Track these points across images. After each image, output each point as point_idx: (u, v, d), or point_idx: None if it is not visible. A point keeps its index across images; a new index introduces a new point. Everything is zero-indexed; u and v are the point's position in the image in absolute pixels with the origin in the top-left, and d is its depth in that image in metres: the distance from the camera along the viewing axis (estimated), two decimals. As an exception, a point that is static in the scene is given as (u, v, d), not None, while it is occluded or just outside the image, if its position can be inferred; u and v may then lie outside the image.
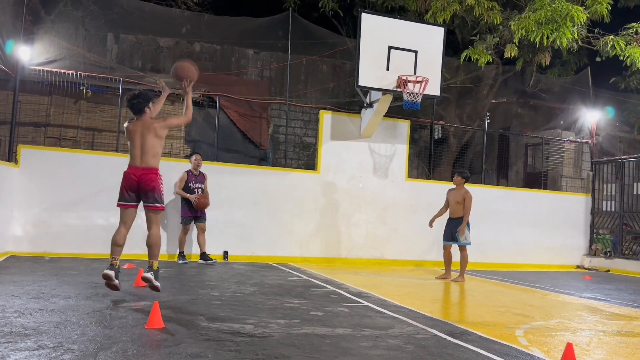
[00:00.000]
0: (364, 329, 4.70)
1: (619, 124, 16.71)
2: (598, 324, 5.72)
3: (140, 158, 5.56)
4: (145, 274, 5.48)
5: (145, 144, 5.55)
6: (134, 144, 5.57)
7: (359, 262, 11.12)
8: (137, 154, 5.56)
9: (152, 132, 5.56)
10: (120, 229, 5.64)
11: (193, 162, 9.61)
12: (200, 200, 9.41)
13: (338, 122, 11.30)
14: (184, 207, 9.52)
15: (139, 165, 5.56)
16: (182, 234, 9.58)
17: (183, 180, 9.48)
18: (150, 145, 5.55)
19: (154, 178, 5.56)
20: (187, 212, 9.49)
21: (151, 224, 5.71)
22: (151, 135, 5.55)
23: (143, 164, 5.56)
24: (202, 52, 14.15)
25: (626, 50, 11.08)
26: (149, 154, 5.56)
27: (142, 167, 5.54)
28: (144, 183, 5.51)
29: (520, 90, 16.09)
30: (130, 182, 5.53)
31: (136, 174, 5.53)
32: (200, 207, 9.46)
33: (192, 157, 9.72)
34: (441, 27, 10.59)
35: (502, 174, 15.88)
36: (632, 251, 12.76)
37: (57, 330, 4.05)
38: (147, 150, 5.56)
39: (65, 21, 12.04)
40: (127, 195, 5.58)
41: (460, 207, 9.07)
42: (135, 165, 5.57)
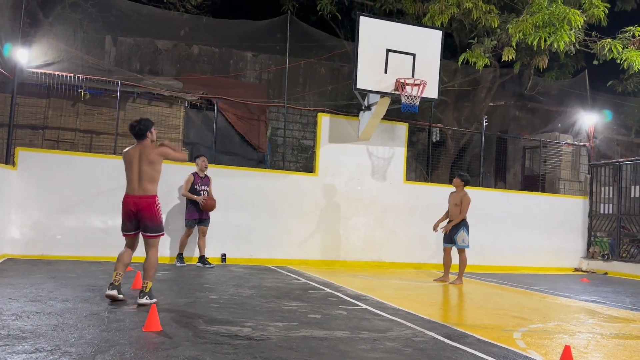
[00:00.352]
0: (362, 332, 4.70)
1: (616, 127, 16.76)
2: (596, 327, 5.72)
3: (138, 184, 5.50)
4: (140, 300, 5.37)
5: (143, 169, 5.49)
6: (131, 169, 5.52)
7: (357, 265, 11.11)
8: (135, 179, 5.51)
9: (149, 158, 5.50)
10: (127, 250, 5.69)
11: (200, 164, 9.52)
12: (208, 202, 9.35)
13: (336, 124, 11.31)
14: (191, 209, 9.42)
15: (137, 193, 5.50)
16: (185, 236, 9.50)
17: (189, 182, 9.40)
18: (147, 171, 5.49)
19: (152, 206, 5.50)
20: (194, 214, 9.39)
21: (150, 248, 5.63)
22: (148, 161, 5.50)
23: (140, 191, 5.49)
24: (201, 54, 14.16)
25: (623, 54, 11.12)
26: (145, 180, 5.49)
27: (139, 196, 5.48)
28: (142, 212, 5.47)
29: (518, 93, 16.13)
30: (128, 211, 5.49)
31: (134, 202, 5.48)
32: (208, 209, 9.40)
33: (198, 159, 9.62)
34: (439, 31, 10.61)
35: (500, 176, 15.91)
36: (630, 254, 12.78)
37: (54, 333, 4.04)
38: (144, 176, 5.49)
39: (63, 24, 12.03)
40: (128, 225, 5.56)
41: (458, 209, 9.10)
42: (133, 193, 5.51)
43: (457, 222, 9.03)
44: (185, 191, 9.41)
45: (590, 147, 14.19)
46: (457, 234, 9.03)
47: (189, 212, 9.45)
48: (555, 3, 10.46)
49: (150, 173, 5.49)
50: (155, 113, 11.35)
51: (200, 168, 9.52)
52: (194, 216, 9.40)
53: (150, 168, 5.48)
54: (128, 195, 5.53)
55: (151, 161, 5.50)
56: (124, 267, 5.55)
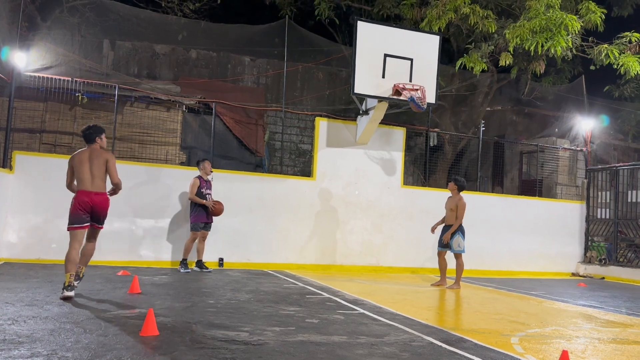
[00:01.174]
0: (359, 337, 4.69)
1: (613, 132, 16.82)
2: (593, 332, 5.72)
3: (91, 182, 6.06)
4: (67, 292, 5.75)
5: (95, 169, 6.08)
6: (83, 169, 6.05)
7: (354, 269, 11.11)
8: (87, 178, 6.05)
9: (101, 159, 6.11)
10: (76, 247, 6.00)
11: (205, 168, 9.38)
12: (218, 207, 9.25)
13: (334, 129, 11.32)
14: (199, 213, 9.21)
15: (91, 190, 6.04)
16: (190, 241, 9.27)
17: (195, 186, 9.21)
18: (100, 171, 6.10)
19: (107, 202, 6.20)
20: (202, 218, 9.20)
21: (93, 239, 6.28)
22: (100, 162, 6.10)
23: (94, 188, 6.07)
24: (199, 59, 14.18)
25: (620, 59, 11.17)
26: (98, 178, 6.10)
27: (94, 192, 6.05)
28: (98, 206, 6.08)
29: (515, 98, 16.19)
30: (84, 205, 5.99)
31: (90, 197, 6.02)
32: (217, 214, 9.29)
33: (203, 162, 9.46)
34: (436, 36, 10.65)
35: (497, 181, 15.94)
36: (627, 258, 12.80)
37: (51, 337, 4.03)
38: (96, 174, 6.08)
39: (61, 28, 12.04)
40: (82, 217, 6.01)
41: (453, 214, 9.09)
42: (86, 189, 6.03)
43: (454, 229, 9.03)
44: (192, 195, 9.20)
45: (587, 152, 14.24)
46: (453, 238, 9.02)
47: (196, 216, 9.22)
48: (552, 8, 10.51)
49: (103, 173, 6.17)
50: (153, 117, 11.35)
51: (205, 172, 9.41)
52: (202, 219, 9.22)
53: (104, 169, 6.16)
54: (82, 190, 6.05)
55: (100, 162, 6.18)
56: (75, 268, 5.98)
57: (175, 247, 9.93)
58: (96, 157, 6.13)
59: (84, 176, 6.05)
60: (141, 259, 9.75)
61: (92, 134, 6.25)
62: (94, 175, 6.08)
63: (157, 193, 9.95)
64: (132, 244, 9.78)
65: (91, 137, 6.25)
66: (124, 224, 9.71)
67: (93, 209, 6.05)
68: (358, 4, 14.87)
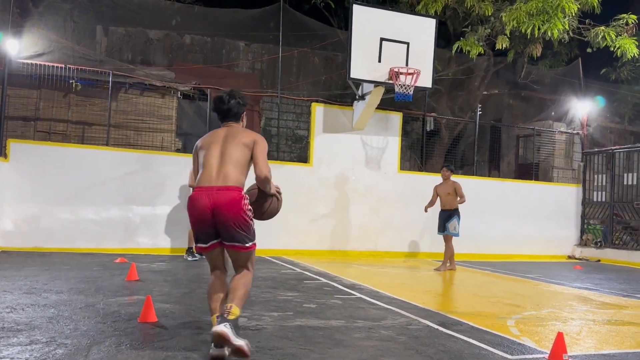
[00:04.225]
0: (357, 321, 4.72)
1: (609, 115, 16.80)
2: (588, 314, 5.77)
3: (217, 172, 3.63)
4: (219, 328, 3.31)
5: (228, 153, 3.68)
6: (210, 153, 3.70)
7: (352, 254, 11.14)
8: (213, 165, 3.66)
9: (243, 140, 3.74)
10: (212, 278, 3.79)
11: None
12: None
13: (330, 114, 11.28)
14: None
15: (213, 184, 3.60)
16: None
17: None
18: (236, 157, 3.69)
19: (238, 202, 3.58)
20: None
21: (240, 268, 3.77)
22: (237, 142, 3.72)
23: (220, 180, 3.61)
24: (193, 44, 14.05)
25: (617, 41, 11.12)
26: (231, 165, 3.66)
27: (217, 187, 3.58)
28: (223, 211, 3.54)
29: (512, 82, 16.12)
30: (200, 211, 3.56)
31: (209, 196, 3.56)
32: None
33: None
34: (433, 19, 10.57)
35: (494, 165, 15.94)
36: (622, 241, 12.88)
37: (49, 325, 4.04)
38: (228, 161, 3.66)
39: (53, 14, 11.90)
40: (202, 234, 3.64)
41: (451, 198, 9.26)
42: (207, 184, 3.61)
43: (453, 209, 9.20)
44: (192, 182, 9.15)
45: (584, 135, 14.24)
46: (450, 221, 9.16)
47: None
48: (549, -10, 10.43)
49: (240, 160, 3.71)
50: (148, 104, 11.28)
51: None
52: None
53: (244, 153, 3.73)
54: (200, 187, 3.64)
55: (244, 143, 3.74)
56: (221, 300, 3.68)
57: (172, 234, 9.93)
58: (235, 137, 3.72)
59: (208, 162, 3.67)
60: (139, 246, 9.76)
61: (237, 107, 3.90)
62: (225, 162, 3.64)
63: (154, 180, 9.93)
64: (129, 231, 9.78)
65: (234, 111, 3.90)
66: (120, 212, 9.71)
67: (216, 216, 3.53)
68: (354, -13, 14.72)
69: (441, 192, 9.43)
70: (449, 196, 9.29)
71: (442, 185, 9.49)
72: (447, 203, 9.30)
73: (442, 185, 9.47)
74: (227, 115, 3.89)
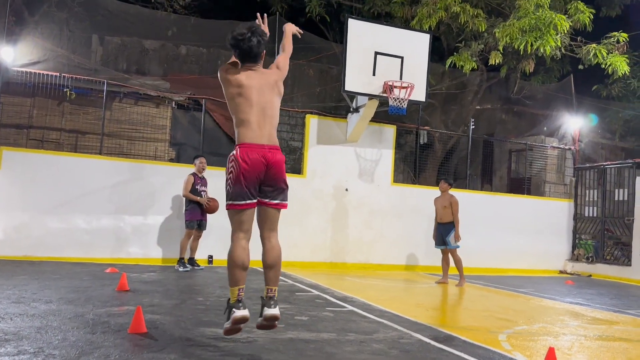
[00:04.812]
0: (348, 334, 4.70)
1: (600, 131, 16.96)
2: (580, 329, 5.78)
3: (266, 130, 3.68)
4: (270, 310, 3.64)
5: (268, 107, 3.70)
6: (251, 106, 3.65)
7: (344, 267, 11.12)
8: (260, 123, 3.66)
9: (274, 88, 3.79)
10: (242, 243, 3.69)
11: (198, 165, 9.31)
12: (212, 204, 9.13)
13: (324, 126, 11.32)
14: (193, 210, 9.10)
15: (266, 143, 3.64)
16: (186, 238, 9.14)
17: (190, 182, 9.11)
18: (275, 111, 3.76)
19: (283, 162, 3.74)
20: (197, 215, 9.09)
21: (272, 232, 3.84)
22: (274, 93, 3.78)
23: (271, 140, 3.69)
24: (188, 55, 14.09)
25: (608, 59, 11.27)
26: (273, 124, 3.75)
27: (269, 146, 3.65)
28: (274, 170, 3.64)
29: (505, 97, 16.26)
30: (257, 167, 3.57)
31: (264, 155, 3.60)
32: (212, 211, 9.17)
33: (197, 159, 9.40)
34: (427, 34, 10.68)
35: (487, 179, 16.01)
36: (614, 256, 12.93)
37: (37, 335, 3.99)
38: (271, 117, 3.72)
39: (49, 22, 11.90)
40: (249, 190, 3.59)
41: (447, 211, 9.29)
42: (259, 142, 3.62)
43: (449, 222, 9.25)
44: (186, 192, 9.11)
45: (576, 151, 14.35)
46: (450, 234, 9.19)
47: (190, 214, 9.12)
48: (542, 8, 10.58)
49: (277, 115, 3.80)
50: (142, 113, 11.27)
51: (199, 169, 9.32)
52: (197, 217, 9.12)
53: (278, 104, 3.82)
54: (251, 144, 3.61)
55: (280, 92, 3.85)
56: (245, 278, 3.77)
57: (164, 245, 9.88)
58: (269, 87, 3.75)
59: (251, 117, 3.64)
60: (129, 256, 9.70)
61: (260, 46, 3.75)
62: (266, 121, 3.68)
63: (146, 190, 9.90)
64: (121, 241, 9.72)
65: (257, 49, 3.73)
66: (112, 221, 9.65)
67: (269, 172, 3.62)
68: (349, 1, 14.87)
69: (438, 205, 9.49)
70: (445, 209, 9.32)
71: (439, 198, 9.55)
72: (444, 216, 9.33)
73: (440, 198, 9.53)
74: (252, 57, 3.74)
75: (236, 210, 3.64)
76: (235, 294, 3.60)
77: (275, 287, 3.75)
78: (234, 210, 3.65)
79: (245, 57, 3.75)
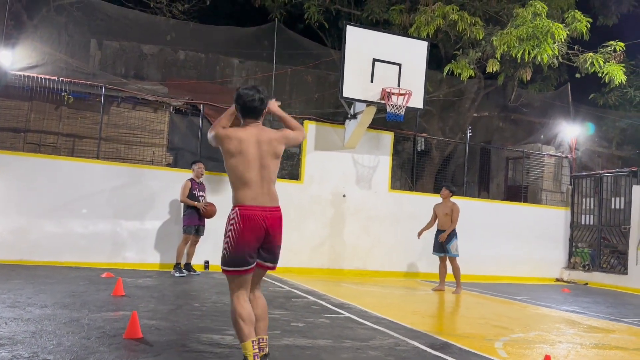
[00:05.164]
0: (344, 341, 4.69)
1: (597, 140, 17.02)
2: (576, 337, 5.78)
3: (261, 188, 3.56)
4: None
5: (267, 165, 3.59)
6: (249, 164, 3.54)
7: (341, 273, 11.10)
8: (257, 181, 3.55)
9: (272, 148, 3.64)
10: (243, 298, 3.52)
11: (196, 171, 9.31)
12: (210, 208, 9.09)
13: (322, 132, 11.33)
14: (190, 215, 9.08)
15: (267, 204, 3.55)
16: (183, 244, 9.13)
17: (187, 188, 9.11)
18: (273, 170, 3.65)
19: (281, 221, 3.66)
20: (194, 220, 9.06)
21: (258, 285, 3.72)
22: (272, 153, 3.63)
23: (272, 200, 3.59)
24: (187, 60, 14.11)
25: (605, 68, 11.33)
26: (272, 183, 3.64)
27: (270, 207, 3.55)
28: (272, 233, 3.55)
29: (502, 105, 16.31)
30: (257, 233, 3.48)
31: (265, 218, 3.50)
32: (209, 215, 9.13)
33: (195, 165, 9.40)
34: (425, 41, 10.72)
35: (484, 186, 16.03)
36: (610, 265, 12.94)
37: (32, 339, 3.97)
38: (270, 176, 3.62)
39: (48, 26, 11.91)
40: (249, 256, 3.48)
41: (448, 218, 9.29)
42: (260, 203, 3.53)
43: (450, 232, 9.19)
44: (183, 197, 9.10)
45: (572, 159, 14.39)
46: (450, 242, 9.20)
47: (188, 219, 9.11)
48: (539, 17, 10.64)
49: (276, 174, 3.70)
50: (139, 118, 11.26)
51: (197, 174, 9.32)
52: (195, 222, 9.09)
53: (277, 164, 3.69)
54: (252, 206, 3.51)
55: (278, 154, 3.67)
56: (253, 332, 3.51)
57: (160, 250, 9.86)
58: (269, 145, 3.61)
59: (251, 177, 3.53)
60: (126, 260, 9.67)
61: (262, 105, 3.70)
62: (265, 178, 3.58)
63: (143, 194, 9.88)
64: (117, 246, 9.69)
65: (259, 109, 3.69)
66: (108, 225, 9.63)
67: (268, 236, 3.53)
68: (347, 8, 14.92)
69: (439, 212, 9.44)
70: (446, 217, 9.28)
71: (440, 205, 9.50)
72: (446, 223, 9.28)
73: (441, 205, 9.48)
74: (253, 113, 3.67)
75: (235, 275, 3.51)
76: (249, 348, 3.38)
77: (265, 337, 3.63)
78: (233, 276, 3.52)
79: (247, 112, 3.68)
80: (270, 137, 3.63)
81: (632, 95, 15.90)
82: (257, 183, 3.53)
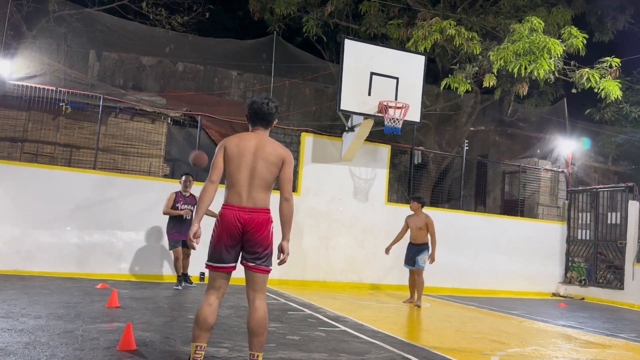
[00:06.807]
0: (340, 354, 4.66)
1: (593, 155, 17.11)
2: (572, 352, 5.76)
3: (247, 191, 3.70)
4: None
5: (258, 170, 3.71)
6: (241, 167, 3.70)
7: (337, 286, 11.06)
8: (243, 184, 3.70)
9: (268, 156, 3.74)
10: (210, 299, 3.75)
11: (183, 183, 8.98)
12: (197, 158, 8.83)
13: (319, 145, 11.36)
14: (174, 228, 8.73)
15: (248, 205, 3.70)
16: (175, 260, 8.78)
17: (171, 200, 8.81)
18: (265, 176, 3.74)
19: (267, 224, 3.78)
20: (175, 235, 8.70)
21: (256, 293, 3.85)
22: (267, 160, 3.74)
23: (254, 204, 3.72)
24: (185, 71, 14.17)
25: (601, 83, 11.42)
26: (260, 187, 3.74)
27: (249, 208, 3.69)
28: (252, 230, 3.70)
29: (498, 119, 16.41)
30: (232, 230, 3.67)
31: (239, 217, 3.67)
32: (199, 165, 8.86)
33: (182, 177, 9.10)
34: (422, 56, 10.80)
35: (480, 200, 16.06)
36: (606, 280, 12.94)
37: (25, 351, 3.93)
38: (260, 183, 3.73)
39: (47, 37, 11.96)
40: (226, 253, 3.73)
41: (422, 232, 9.06)
42: (239, 204, 3.69)
43: (423, 244, 9.03)
44: (166, 209, 8.80)
45: (569, 174, 14.44)
46: (420, 255, 9.00)
47: (171, 234, 8.77)
48: (536, 32, 10.74)
49: (268, 179, 3.77)
50: (137, 128, 11.28)
51: (183, 187, 8.99)
52: (176, 237, 8.70)
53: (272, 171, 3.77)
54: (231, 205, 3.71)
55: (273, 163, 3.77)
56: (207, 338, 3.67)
57: (156, 262, 9.81)
58: (263, 152, 3.71)
59: (238, 180, 3.69)
60: (121, 272, 9.61)
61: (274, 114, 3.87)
62: (253, 184, 3.70)
63: (139, 205, 9.85)
64: (113, 257, 9.64)
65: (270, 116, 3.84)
66: (104, 236, 9.59)
67: (245, 235, 3.70)
68: (346, 22, 15.04)
69: (412, 226, 9.21)
70: (420, 230, 9.05)
71: (413, 218, 9.24)
72: (419, 237, 9.08)
73: (414, 218, 9.22)
74: (262, 120, 3.83)
75: (211, 270, 3.79)
76: (192, 351, 3.59)
77: (260, 354, 3.63)
78: (209, 270, 3.79)
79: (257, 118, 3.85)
80: (272, 147, 3.76)
81: (627, 110, 16.01)
82: (243, 186, 3.69)
